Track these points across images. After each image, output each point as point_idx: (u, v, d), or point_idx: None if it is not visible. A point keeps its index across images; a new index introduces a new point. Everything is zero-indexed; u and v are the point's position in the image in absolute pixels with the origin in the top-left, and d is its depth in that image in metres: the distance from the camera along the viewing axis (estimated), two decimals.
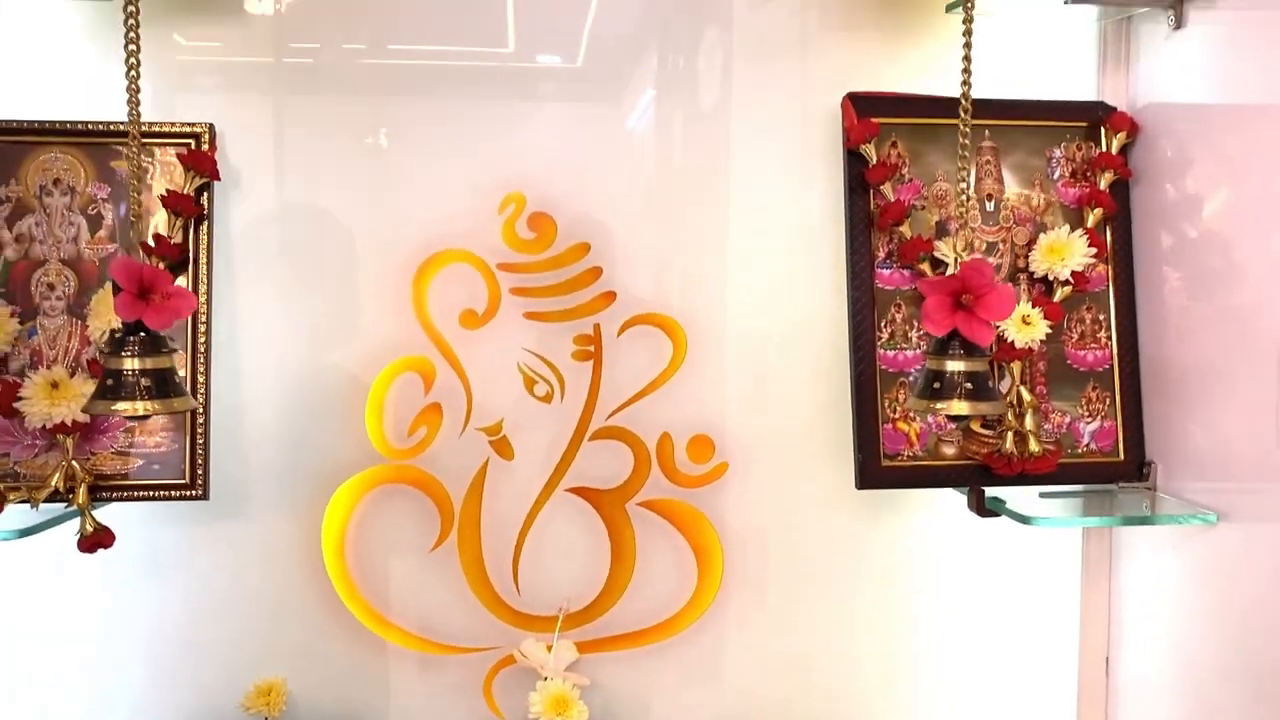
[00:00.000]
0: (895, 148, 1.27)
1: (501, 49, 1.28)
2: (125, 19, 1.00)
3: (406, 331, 1.28)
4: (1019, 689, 1.38)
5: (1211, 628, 1.16)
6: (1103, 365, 1.28)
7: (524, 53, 1.28)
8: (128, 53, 0.99)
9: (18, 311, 1.17)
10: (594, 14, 1.28)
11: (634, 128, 1.30)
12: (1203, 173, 1.20)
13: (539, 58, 1.29)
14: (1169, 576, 1.24)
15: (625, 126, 1.30)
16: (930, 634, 1.37)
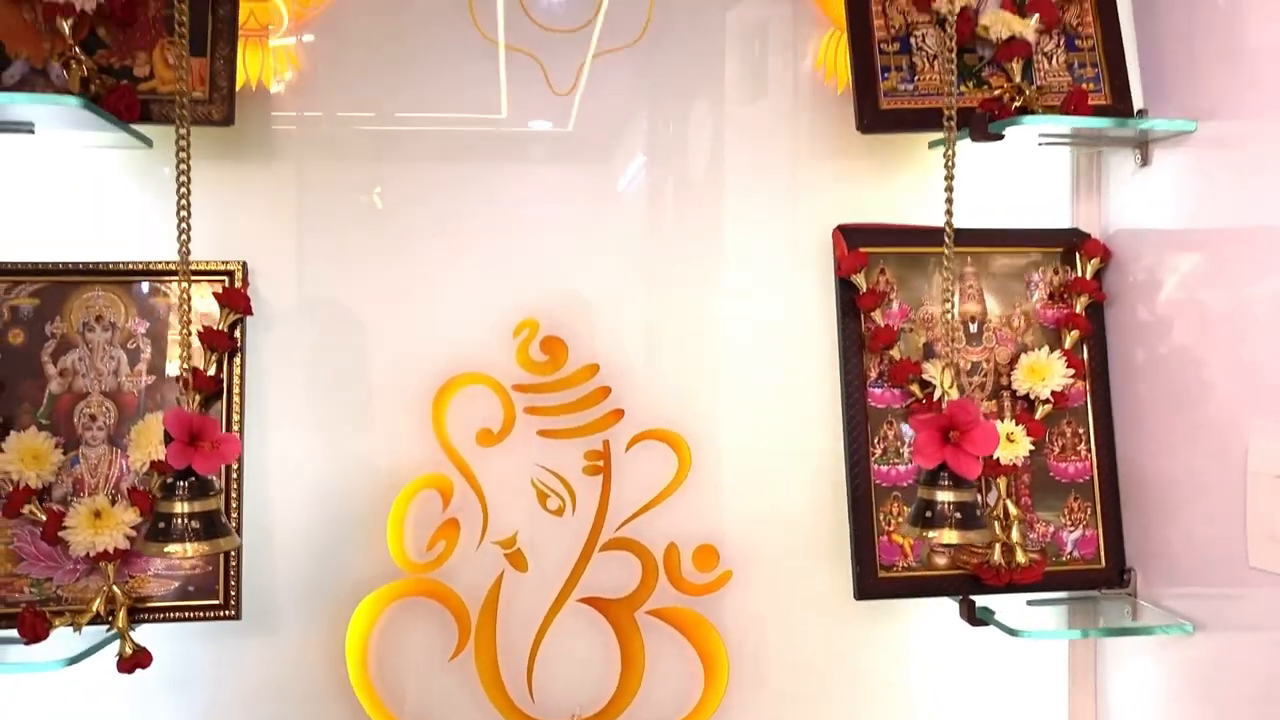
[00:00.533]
0: (884, 275, 1.36)
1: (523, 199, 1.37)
2: (178, 164, 1.07)
3: (426, 450, 1.35)
4: None
5: None
6: (1083, 476, 1.36)
7: (539, 197, 1.37)
8: (179, 195, 1.06)
9: (61, 442, 1.24)
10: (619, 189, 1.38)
11: (639, 258, 1.38)
12: (1171, 295, 1.29)
13: (556, 203, 1.37)
14: (1151, 682, 1.31)
15: (631, 259, 1.38)
16: None
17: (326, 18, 1.33)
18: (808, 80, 1.41)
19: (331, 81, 1.34)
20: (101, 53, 1.22)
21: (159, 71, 1.23)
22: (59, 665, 1.11)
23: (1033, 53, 1.30)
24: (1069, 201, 1.44)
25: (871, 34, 1.31)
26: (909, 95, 1.30)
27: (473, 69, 1.36)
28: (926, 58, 1.31)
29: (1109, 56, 1.33)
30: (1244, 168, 1.16)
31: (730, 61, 1.40)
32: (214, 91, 1.22)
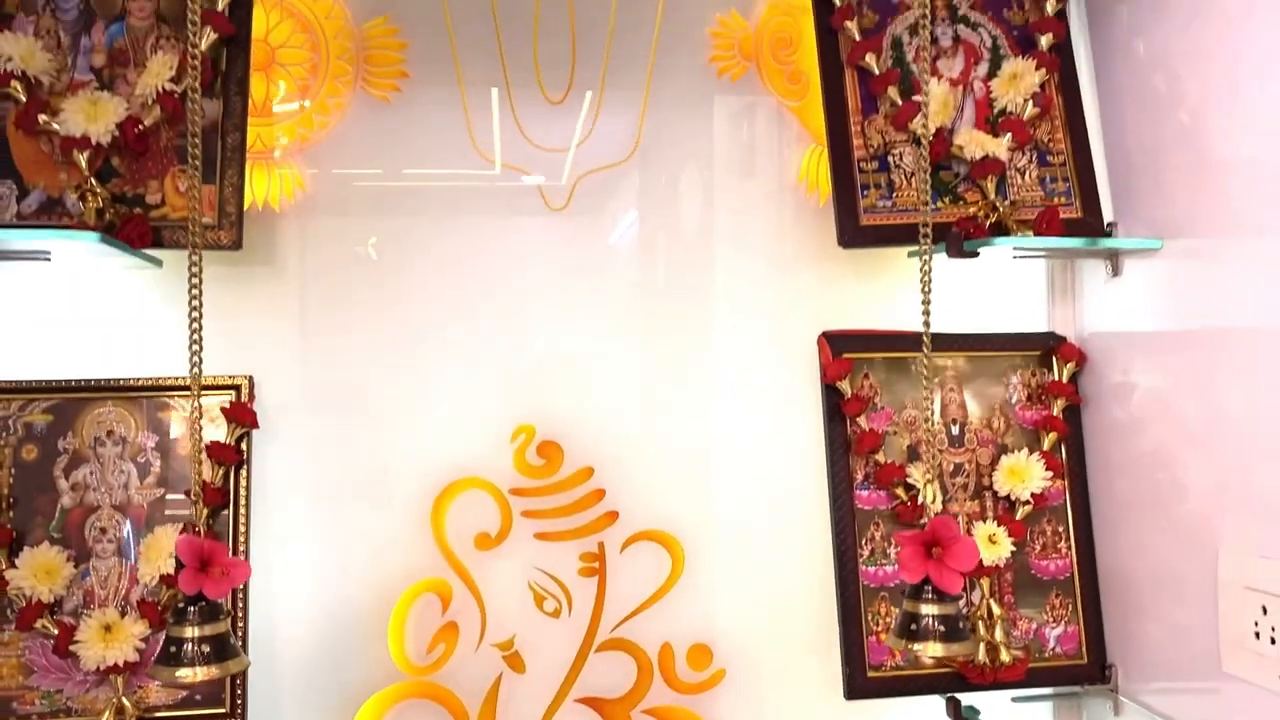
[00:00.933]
0: (868, 379, 1.41)
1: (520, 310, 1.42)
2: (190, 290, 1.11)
3: (426, 555, 1.39)
4: None
5: None
6: (1064, 574, 1.40)
7: (536, 307, 1.42)
8: (191, 320, 1.10)
9: (72, 555, 1.27)
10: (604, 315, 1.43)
11: (632, 364, 1.43)
12: (1145, 397, 1.35)
13: (552, 313, 1.43)
14: None
15: (624, 364, 1.43)
16: None
17: (331, 141, 1.39)
18: (792, 193, 1.47)
19: (335, 202, 1.39)
20: (115, 181, 1.27)
21: (170, 198, 1.28)
22: None
23: (1006, 170, 1.36)
24: (1045, 305, 1.49)
25: (851, 152, 1.37)
26: (888, 211, 1.36)
27: (471, 188, 1.42)
28: (904, 175, 1.37)
29: (1079, 171, 1.39)
30: (1210, 279, 1.22)
31: (717, 175, 1.46)
32: (223, 217, 1.27)
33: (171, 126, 1.29)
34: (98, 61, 1.29)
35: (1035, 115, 1.39)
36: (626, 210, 1.45)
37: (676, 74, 1.45)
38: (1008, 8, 1.43)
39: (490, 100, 1.42)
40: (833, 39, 1.40)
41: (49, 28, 1.29)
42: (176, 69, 1.27)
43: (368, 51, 1.40)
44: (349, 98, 1.40)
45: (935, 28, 1.42)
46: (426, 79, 1.41)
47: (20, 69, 1.25)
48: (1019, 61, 1.39)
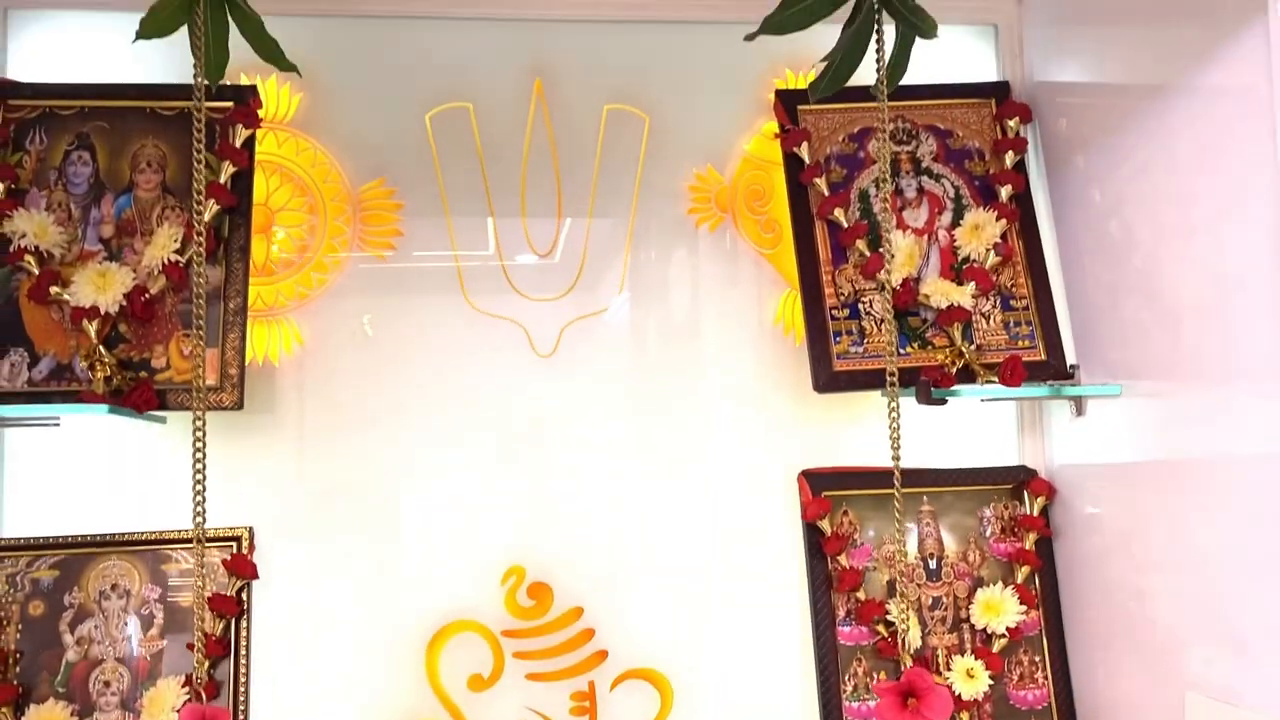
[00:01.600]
0: (847, 516, 1.46)
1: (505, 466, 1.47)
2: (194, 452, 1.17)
3: (421, 698, 1.43)
4: None
5: None
6: (1042, 703, 1.44)
7: (523, 449, 1.48)
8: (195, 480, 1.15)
9: (77, 709, 1.31)
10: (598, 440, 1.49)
11: (618, 503, 1.49)
12: (1113, 528, 1.40)
13: (540, 454, 1.48)
14: None
15: (610, 503, 1.49)
16: None
17: (328, 297, 1.46)
18: (769, 335, 1.54)
19: (331, 354, 1.46)
20: (122, 347, 1.33)
21: (174, 361, 1.34)
22: None
23: (971, 316, 1.43)
24: (1015, 439, 1.55)
25: (823, 300, 1.44)
26: (859, 357, 1.43)
27: (462, 337, 1.48)
28: (874, 321, 1.44)
29: (1041, 315, 1.46)
30: (1169, 417, 1.27)
31: (698, 319, 1.53)
32: (225, 379, 1.33)
33: (176, 293, 1.35)
34: (106, 232, 1.37)
35: (998, 263, 1.46)
36: (611, 354, 1.51)
37: (657, 226, 1.53)
38: (969, 159, 1.51)
39: (481, 254, 1.50)
40: (803, 193, 1.48)
41: (60, 200, 1.37)
42: (181, 240, 1.34)
43: (364, 212, 1.48)
44: (346, 256, 1.47)
45: (900, 179, 1.50)
46: (421, 236, 1.48)
47: (34, 244, 1.32)
48: (981, 213, 1.47)
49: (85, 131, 1.39)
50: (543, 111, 1.51)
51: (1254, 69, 1.09)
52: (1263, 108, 1.08)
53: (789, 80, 1.54)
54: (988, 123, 1.53)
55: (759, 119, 1.55)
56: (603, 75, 1.52)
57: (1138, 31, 1.32)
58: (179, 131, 1.40)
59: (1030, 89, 1.56)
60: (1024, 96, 1.55)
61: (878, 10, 1.22)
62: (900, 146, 1.51)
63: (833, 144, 1.50)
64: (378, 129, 1.48)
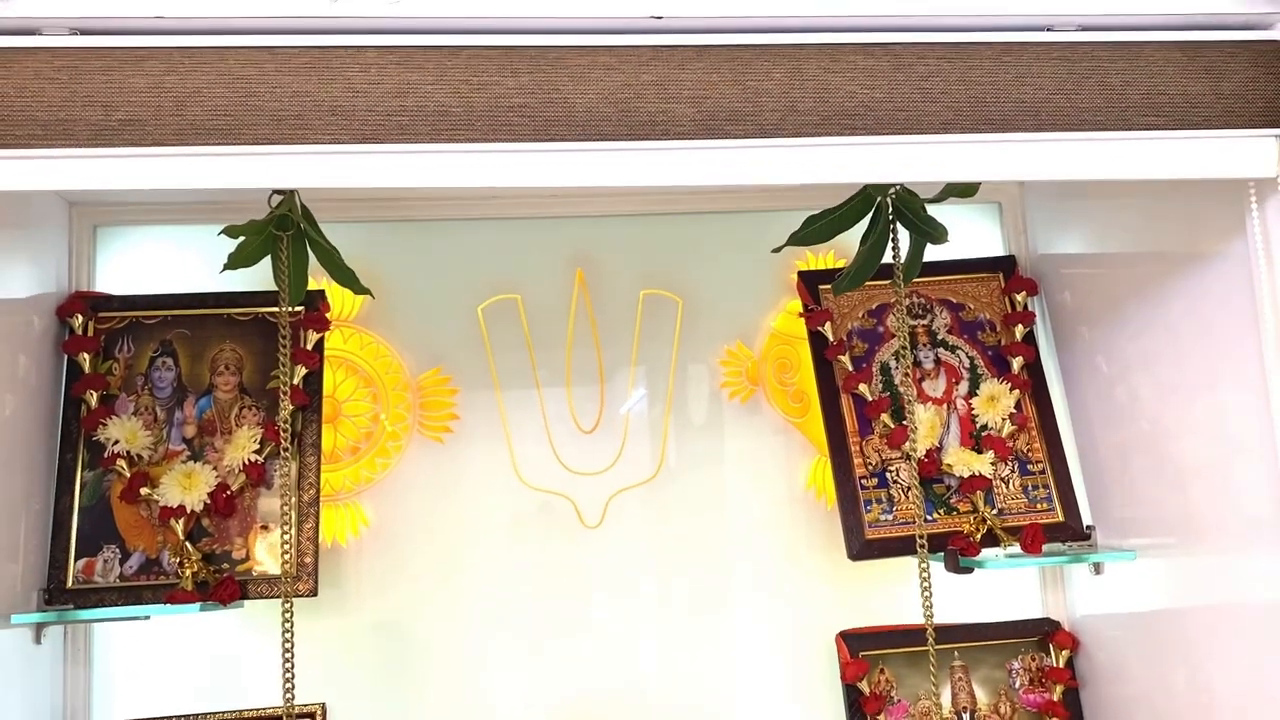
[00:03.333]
0: (884, 674, 1.55)
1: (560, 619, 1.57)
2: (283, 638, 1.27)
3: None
4: None
5: None
6: None
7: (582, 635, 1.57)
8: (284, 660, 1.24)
9: None
10: None
11: (663, 666, 1.57)
12: (1135, 676, 1.47)
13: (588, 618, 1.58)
14: None
15: (656, 666, 1.57)
16: None
17: (390, 479, 1.57)
18: (801, 500, 1.64)
19: (395, 535, 1.56)
20: (205, 540, 1.44)
21: (252, 553, 1.45)
22: None
23: (991, 484, 1.53)
24: (1038, 592, 1.64)
25: (853, 470, 1.55)
26: (889, 524, 1.53)
27: (515, 512, 1.59)
28: (902, 489, 1.54)
29: (1057, 478, 1.56)
30: (1181, 573, 1.36)
31: (734, 486, 1.64)
32: (301, 569, 1.44)
33: (253, 488, 1.46)
34: (189, 432, 1.48)
35: (1014, 431, 1.56)
36: (655, 523, 1.61)
37: (692, 400, 1.64)
38: (981, 331, 1.63)
39: (531, 432, 1.61)
40: (828, 368, 1.59)
41: (147, 404, 1.49)
42: (259, 440, 1.46)
43: (423, 399, 1.59)
44: (406, 441, 1.58)
45: (918, 351, 1.61)
46: (475, 419, 1.60)
47: (125, 449, 1.43)
48: (995, 384, 1.58)
49: (168, 339, 1.52)
50: (584, 299, 1.63)
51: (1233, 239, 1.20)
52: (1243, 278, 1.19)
53: (810, 262, 1.67)
54: (997, 295, 1.65)
55: (784, 297, 1.67)
56: (638, 263, 1.65)
57: (1132, 203, 1.43)
58: (254, 336, 1.52)
59: (1035, 262, 1.68)
60: (1029, 269, 1.67)
61: (892, 222, 1.35)
62: (916, 320, 1.63)
63: (853, 320, 1.62)
64: (434, 322, 1.61)
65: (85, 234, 1.56)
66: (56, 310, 1.48)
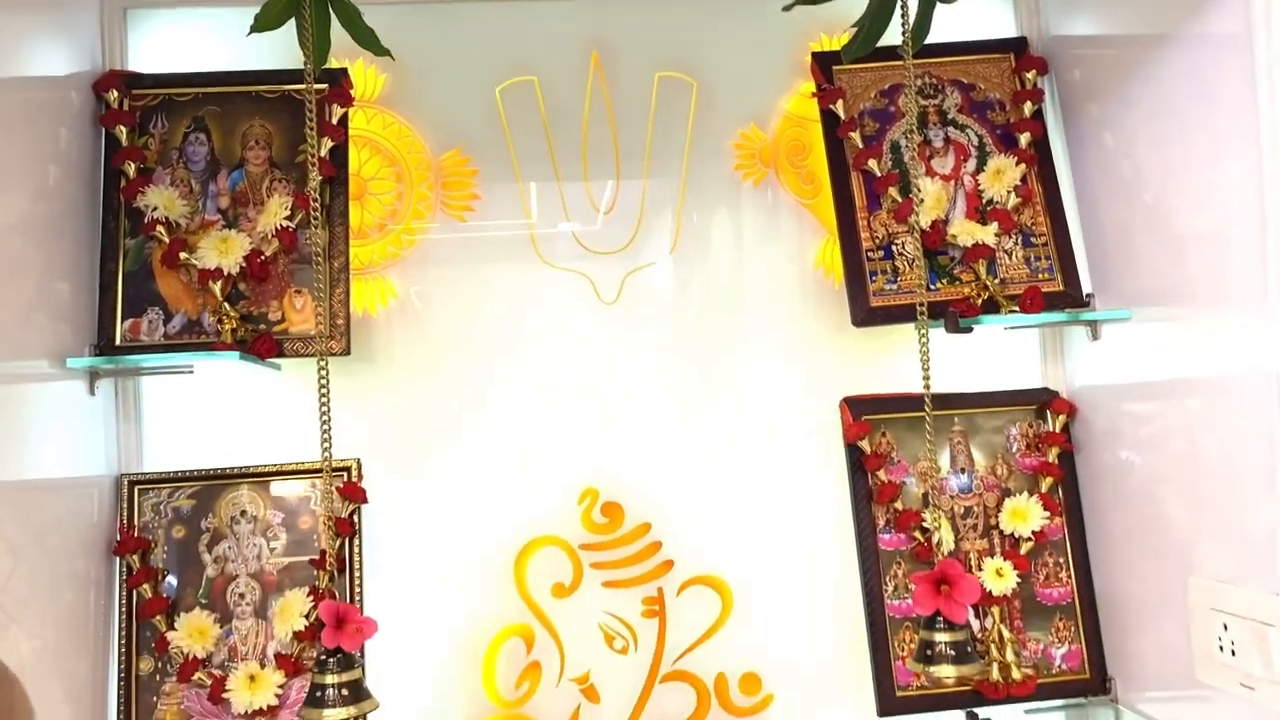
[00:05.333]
0: (885, 437, 1.63)
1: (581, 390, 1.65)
2: (319, 391, 1.37)
3: (511, 605, 1.62)
4: None
5: None
6: (1066, 600, 1.60)
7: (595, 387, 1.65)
8: (321, 414, 1.34)
9: (218, 618, 1.52)
10: None
11: (679, 430, 1.66)
12: (1129, 442, 1.55)
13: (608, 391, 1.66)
14: None
15: (672, 430, 1.66)
16: None
17: (416, 255, 1.64)
18: (811, 278, 1.70)
19: (421, 306, 1.64)
20: (242, 303, 1.53)
21: (287, 315, 1.53)
22: None
23: (994, 253, 1.58)
24: (1039, 364, 1.70)
25: (859, 244, 1.60)
26: (893, 294, 1.58)
27: (535, 287, 1.66)
28: (906, 261, 1.59)
29: (1059, 250, 1.61)
30: (1177, 338, 1.41)
31: (746, 265, 1.70)
32: (334, 329, 1.52)
33: (286, 255, 1.54)
34: (223, 204, 1.56)
35: (1019, 204, 1.61)
36: (668, 299, 1.68)
37: (706, 182, 1.69)
38: (990, 110, 1.66)
39: (549, 212, 1.67)
40: (839, 146, 1.63)
41: (182, 177, 1.56)
42: (290, 207, 1.53)
43: (444, 178, 1.65)
44: (430, 219, 1.65)
45: (928, 130, 1.64)
46: (495, 199, 1.66)
47: (164, 216, 1.51)
48: (1002, 159, 1.61)
49: (200, 115, 1.57)
50: (600, 81, 1.67)
51: (1236, 20, 1.22)
52: (1244, 54, 1.21)
53: (824, 43, 1.69)
54: (1007, 76, 1.67)
55: (797, 80, 1.70)
56: (654, 45, 1.68)
57: None
58: (282, 112, 1.58)
59: (1046, 43, 1.69)
60: (1040, 50, 1.68)
61: None
62: (927, 100, 1.66)
63: (865, 100, 1.65)
64: (454, 103, 1.66)
65: (116, 16, 1.60)
66: (93, 86, 1.54)
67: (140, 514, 1.54)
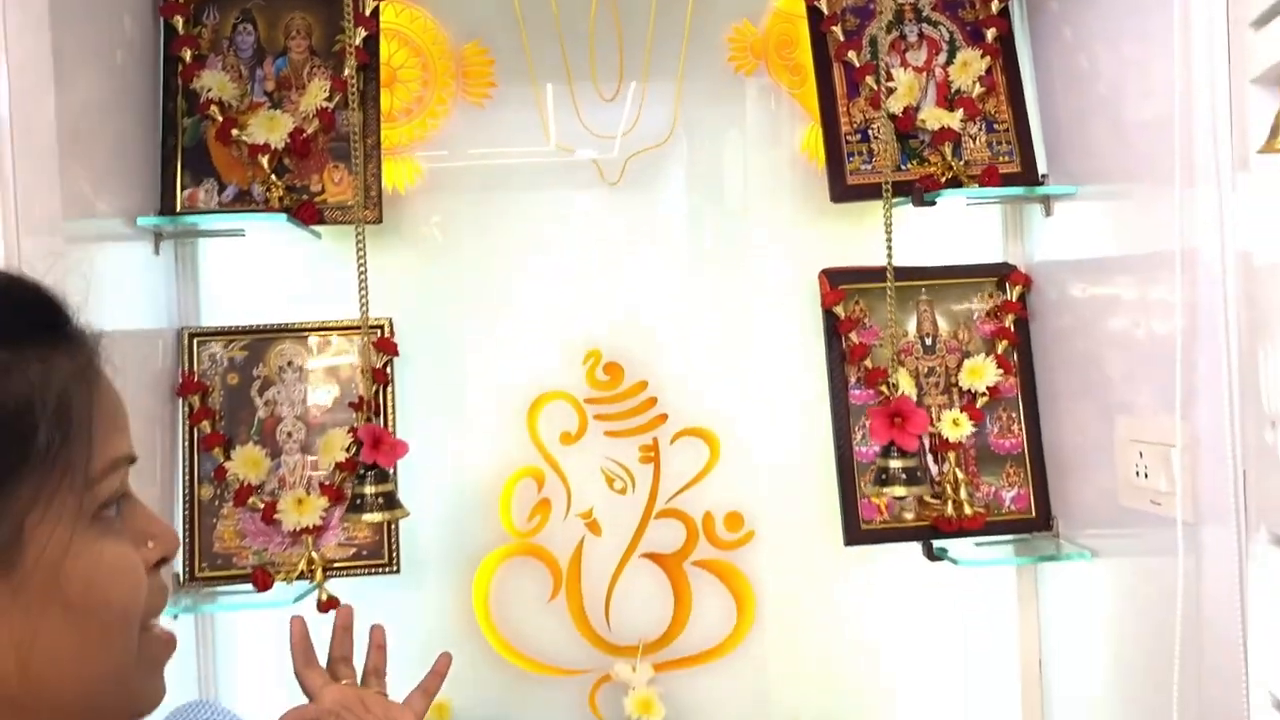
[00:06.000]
0: (858, 304, 1.82)
1: (584, 272, 1.85)
2: (357, 255, 1.57)
3: (524, 449, 1.84)
4: (976, 687, 1.88)
5: (1100, 633, 1.67)
6: (1016, 449, 1.80)
7: (599, 258, 1.85)
8: (359, 276, 1.54)
9: (268, 453, 1.74)
10: None
11: (673, 298, 1.86)
12: (1076, 310, 1.73)
13: (611, 261, 1.86)
14: (1073, 599, 1.75)
15: (667, 298, 1.86)
16: (908, 649, 1.88)
17: (439, 138, 1.83)
18: (797, 162, 1.88)
19: (443, 184, 1.84)
20: (287, 176, 1.72)
21: (327, 187, 1.73)
22: (287, 603, 1.61)
23: (959, 137, 1.76)
24: (1000, 240, 1.88)
25: (839, 128, 1.78)
26: (869, 173, 1.76)
27: (546, 168, 1.85)
28: (881, 144, 1.77)
29: (1019, 135, 1.78)
30: (1120, 216, 1.59)
31: (738, 150, 1.88)
32: (368, 200, 1.72)
33: (325, 133, 1.74)
34: (269, 87, 1.75)
35: (983, 93, 1.77)
36: (666, 181, 1.87)
37: (702, 72, 1.86)
38: (961, 8, 1.82)
39: (559, 100, 1.85)
40: (823, 40, 1.80)
41: (232, 64, 1.75)
42: (329, 90, 1.72)
43: (465, 68, 1.84)
44: (452, 105, 1.83)
45: (904, 25, 1.81)
46: (510, 87, 1.84)
47: (217, 97, 1.70)
48: (969, 52, 1.78)
49: (248, 8, 1.76)
50: None
51: None
52: None
53: None
54: None
55: None
56: None
57: None
58: (320, 5, 1.76)
59: None
60: None
61: None
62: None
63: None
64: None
65: None
66: None
67: (199, 363, 1.76)
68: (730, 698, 1.86)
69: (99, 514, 0.68)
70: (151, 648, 0.74)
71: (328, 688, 1.15)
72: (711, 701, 1.86)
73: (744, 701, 1.86)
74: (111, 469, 0.69)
